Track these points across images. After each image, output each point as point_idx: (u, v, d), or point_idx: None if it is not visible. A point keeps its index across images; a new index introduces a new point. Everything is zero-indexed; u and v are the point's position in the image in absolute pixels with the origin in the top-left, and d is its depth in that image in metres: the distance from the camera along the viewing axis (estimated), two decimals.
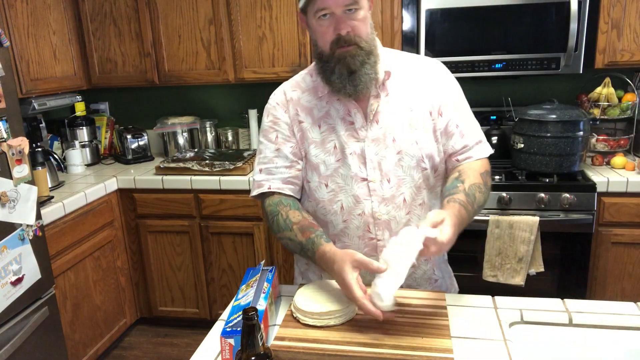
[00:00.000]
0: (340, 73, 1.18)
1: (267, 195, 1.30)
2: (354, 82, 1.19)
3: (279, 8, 2.63)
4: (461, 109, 1.30)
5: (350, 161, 1.25)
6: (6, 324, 1.85)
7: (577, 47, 2.31)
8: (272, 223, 1.26)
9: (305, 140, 1.29)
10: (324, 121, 1.28)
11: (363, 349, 1.02)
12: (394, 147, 1.24)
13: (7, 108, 1.86)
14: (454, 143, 1.27)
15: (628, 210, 2.25)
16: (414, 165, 1.25)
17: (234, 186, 2.60)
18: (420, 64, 1.31)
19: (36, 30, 2.52)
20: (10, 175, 1.86)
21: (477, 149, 1.28)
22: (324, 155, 1.27)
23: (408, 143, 1.24)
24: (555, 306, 1.18)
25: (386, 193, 1.25)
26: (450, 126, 1.27)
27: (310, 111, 1.29)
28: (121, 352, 2.79)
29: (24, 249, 1.91)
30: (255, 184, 1.33)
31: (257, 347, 0.86)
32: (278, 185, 1.29)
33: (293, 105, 1.30)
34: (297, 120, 1.30)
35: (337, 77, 1.19)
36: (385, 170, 1.25)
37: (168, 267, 2.83)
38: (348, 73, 1.18)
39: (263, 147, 1.33)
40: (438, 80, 1.29)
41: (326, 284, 1.22)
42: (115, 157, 3.20)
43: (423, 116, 1.26)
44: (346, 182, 1.26)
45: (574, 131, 2.24)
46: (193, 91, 3.20)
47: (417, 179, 1.27)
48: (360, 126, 1.25)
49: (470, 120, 1.30)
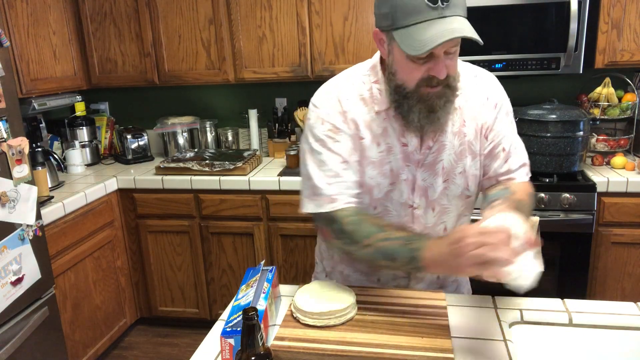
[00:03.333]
0: (420, 111, 1.07)
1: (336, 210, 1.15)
2: (432, 121, 1.09)
3: (279, 8, 2.63)
4: (509, 131, 1.21)
5: (402, 187, 1.18)
6: (6, 324, 1.85)
7: (577, 47, 2.31)
8: (352, 233, 1.11)
9: (364, 158, 1.17)
10: (383, 139, 1.16)
11: (363, 349, 1.01)
12: (442, 175, 1.18)
13: (7, 108, 1.86)
14: (497, 166, 1.20)
15: (628, 210, 2.25)
16: (458, 194, 1.21)
17: (234, 186, 2.60)
18: (478, 81, 1.20)
19: (36, 30, 2.52)
20: (10, 175, 1.86)
21: (520, 173, 1.21)
22: (379, 178, 1.18)
23: (456, 172, 1.18)
24: (555, 306, 1.18)
25: (429, 221, 1.22)
26: (496, 149, 1.19)
27: (370, 126, 1.16)
28: (121, 352, 2.79)
29: (24, 249, 1.91)
30: (323, 198, 1.15)
31: (257, 347, 0.86)
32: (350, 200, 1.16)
33: (352, 118, 1.16)
34: (357, 136, 1.16)
35: (417, 116, 1.08)
36: (430, 198, 1.19)
37: (168, 267, 2.83)
38: (428, 112, 1.08)
39: (325, 159, 1.16)
40: (491, 100, 1.19)
41: (326, 284, 1.22)
42: (115, 157, 3.20)
43: (474, 140, 1.18)
44: (394, 207, 1.21)
45: (574, 131, 2.24)
46: (193, 91, 3.20)
47: (460, 207, 1.23)
48: (413, 150, 1.16)
49: (516, 143, 1.22)
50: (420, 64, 1.03)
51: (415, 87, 1.06)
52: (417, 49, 0.97)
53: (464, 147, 1.18)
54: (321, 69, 2.66)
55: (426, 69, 1.03)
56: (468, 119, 1.18)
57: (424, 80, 1.04)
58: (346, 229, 1.12)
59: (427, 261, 1.01)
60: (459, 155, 1.18)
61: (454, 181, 1.19)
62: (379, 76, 1.15)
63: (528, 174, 1.23)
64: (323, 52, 2.64)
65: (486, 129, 1.19)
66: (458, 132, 1.17)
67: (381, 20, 1.04)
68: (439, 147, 1.17)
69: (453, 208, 1.23)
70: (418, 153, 1.17)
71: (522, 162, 1.22)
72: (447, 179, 1.19)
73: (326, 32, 2.62)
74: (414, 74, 1.04)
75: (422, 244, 1.02)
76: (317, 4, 2.59)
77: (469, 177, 1.20)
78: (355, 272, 1.34)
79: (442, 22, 0.96)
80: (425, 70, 1.03)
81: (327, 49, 2.63)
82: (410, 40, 0.98)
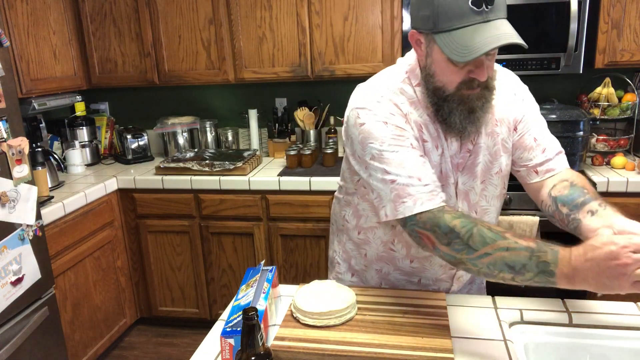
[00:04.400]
0: (461, 114, 1.06)
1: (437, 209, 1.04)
2: (473, 122, 1.07)
3: (279, 8, 2.63)
4: (539, 123, 1.21)
5: (450, 191, 1.17)
6: (6, 324, 1.85)
7: (577, 47, 2.31)
8: (469, 238, 0.97)
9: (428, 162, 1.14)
10: (438, 143, 1.13)
11: (363, 349, 1.01)
12: (479, 177, 1.18)
13: (7, 108, 1.86)
14: (533, 156, 1.18)
15: (628, 210, 2.24)
16: (497, 195, 1.21)
17: (234, 186, 2.60)
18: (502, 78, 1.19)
19: (36, 30, 2.52)
20: (10, 175, 1.86)
21: (558, 160, 1.18)
22: None
23: (492, 172, 1.18)
24: (555, 306, 1.18)
25: None
26: (527, 140, 1.18)
27: (428, 128, 1.12)
28: (121, 352, 2.79)
29: (24, 249, 1.91)
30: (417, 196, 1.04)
31: (257, 347, 0.86)
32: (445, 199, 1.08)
33: (414, 120, 1.12)
34: (421, 138, 1.13)
35: (458, 118, 1.06)
36: (472, 201, 1.19)
37: (168, 267, 2.83)
38: (468, 113, 1.06)
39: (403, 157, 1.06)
40: (518, 95, 1.20)
41: (326, 284, 1.22)
42: (115, 157, 3.20)
43: (506, 138, 1.18)
44: None
45: (574, 131, 2.24)
46: (193, 91, 3.20)
47: (498, 207, 1.24)
48: (454, 154, 1.15)
49: (546, 133, 1.21)
50: (461, 67, 1.01)
51: (456, 89, 1.04)
52: (464, 55, 0.95)
53: (498, 146, 1.18)
54: (321, 69, 2.66)
55: (467, 72, 1.02)
56: (500, 117, 1.18)
57: (465, 82, 1.03)
58: (459, 232, 0.98)
59: (565, 277, 0.90)
60: (494, 156, 1.18)
61: (491, 182, 1.19)
62: (419, 79, 1.12)
63: (566, 161, 1.20)
64: (323, 52, 2.64)
65: (514, 122, 1.19)
66: (491, 132, 1.17)
67: (420, 22, 1.02)
68: (476, 149, 1.16)
69: (492, 209, 1.23)
70: (458, 157, 1.16)
71: (557, 150, 1.19)
72: (484, 180, 1.19)
73: (326, 32, 2.62)
74: (454, 77, 1.03)
75: (555, 258, 0.90)
76: (317, 4, 2.59)
77: (504, 177, 1.21)
78: (395, 271, 1.31)
79: (488, 27, 0.95)
80: (466, 73, 1.02)
81: (327, 49, 2.64)
82: (454, 45, 0.96)
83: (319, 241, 2.59)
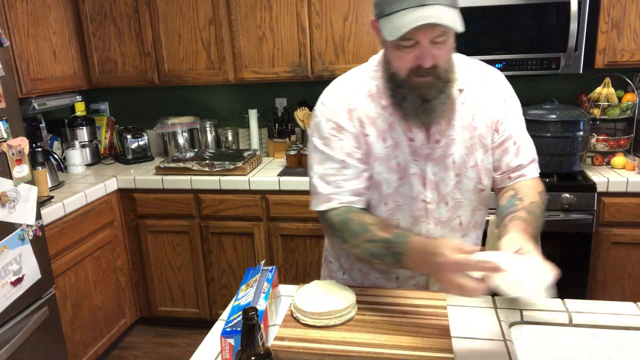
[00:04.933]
0: (414, 101, 1.09)
1: (329, 209, 1.19)
2: (427, 111, 1.10)
3: (279, 8, 2.63)
4: (519, 125, 1.23)
5: (412, 181, 1.19)
6: (6, 324, 1.85)
7: (577, 47, 2.31)
8: (342, 232, 1.16)
9: (370, 155, 1.19)
10: (389, 135, 1.17)
11: (363, 349, 1.01)
12: (453, 170, 1.19)
13: (7, 108, 1.86)
14: (509, 160, 1.21)
15: (628, 210, 2.25)
16: (472, 188, 1.22)
17: (234, 186, 2.60)
18: (484, 75, 1.21)
19: (36, 30, 2.52)
20: (10, 175, 1.86)
21: (531, 168, 1.23)
22: (387, 174, 1.19)
23: (468, 165, 1.19)
24: (555, 306, 1.18)
25: (443, 216, 1.22)
26: (507, 143, 1.21)
27: (375, 122, 1.18)
28: (121, 352, 2.79)
29: (24, 249, 1.91)
30: (320, 197, 1.20)
31: (257, 347, 0.86)
32: (349, 199, 1.19)
33: (357, 115, 1.18)
34: (362, 133, 1.18)
35: (410, 105, 1.10)
36: (443, 192, 1.20)
37: (168, 267, 2.83)
38: (422, 101, 1.09)
39: (325, 157, 1.20)
40: (499, 94, 1.21)
41: (326, 284, 1.22)
42: (115, 157, 3.20)
43: (485, 134, 1.19)
44: (405, 202, 1.21)
45: (574, 131, 2.24)
46: (193, 91, 3.20)
47: (474, 200, 1.24)
48: (420, 144, 1.17)
49: (525, 138, 1.24)
50: (407, 52, 1.04)
51: (406, 76, 1.08)
52: (392, 34, 1.00)
53: (474, 140, 1.19)
54: (321, 69, 2.66)
55: (413, 58, 1.04)
56: (478, 112, 1.18)
57: (413, 69, 1.06)
58: (337, 227, 1.17)
59: (412, 266, 1.07)
60: (470, 149, 1.19)
61: (467, 175, 1.20)
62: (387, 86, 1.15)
63: (538, 170, 1.25)
64: (323, 52, 2.64)
65: (496, 123, 1.20)
66: (468, 125, 1.18)
67: (375, 9, 1.08)
68: (447, 141, 1.17)
69: (467, 202, 1.23)
70: (426, 147, 1.17)
71: (532, 158, 1.24)
72: (459, 173, 1.20)
73: (326, 32, 2.62)
74: (403, 62, 1.06)
75: (404, 248, 1.05)
76: (317, 4, 2.59)
77: (481, 171, 1.21)
78: (372, 270, 1.33)
79: (421, 10, 0.98)
80: (413, 59, 1.05)
81: (327, 49, 2.63)
82: (390, 27, 1.01)
83: (319, 241, 2.59)
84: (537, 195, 1.18)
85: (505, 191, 1.23)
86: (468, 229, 1.27)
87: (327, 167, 1.19)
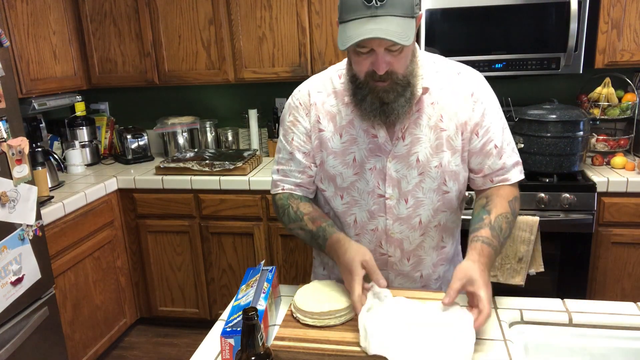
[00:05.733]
0: (372, 103, 1.11)
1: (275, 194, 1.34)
2: (386, 113, 1.12)
3: (279, 8, 2.63)
4: (500, 129, 1.22)
5: (368, 176, 1.22)
6: (6, 324, 1.85)
7: (577, 47, 2.31)
8: (282, 215, 1.29)
9: (323, 149, 1.24)
10: (347, 130, 1.22)
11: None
12: (416, 168, 1.20)
13: (7, 108, 1.86)
14: (491, 163, 1.22)
15: (628, 210, 2.25)
16: (434, 188, 1.22)
17: (234, 186, 2.60)
18: (461, 78, 1.21)
19: (36, 30, 2.52)
20: (10, 175, 1.86)
21: (514, 172, 1.24)
22: (341, 167, 1.23)
23: (432, 165, 1.20)
24: (555, 306, 1.18)
25: (402, 212, 1.23)
26: (487, 145, 1.21)
27: (334, 117, 1.23)
28: (121, 352, 2.79)
29: (24, 249, 1.91)
30: (272, 181, 1.35)
31: (257, 347, 0.86)
32: (290, 188, 1.31)
33: (315, 110, 1.25)
34: (317, 127, 1.24)
35: (369, 106, 1.12)
36: (404, 189, 1.21)
37: (168, 267, 2.83)
38: (380, 104, 1.11)
39: (281, 147, 1.32)
40: (477, 98, 1.20)
41: (326, 284, 1.22)
42: (115, 157, 3.20)
43: (454, 136, 1.19)
44: (362, 197, 1.24)
45: (574, 131, 2.24)
46: (193, 91, 3.20)
47: (436, 201, 1.24)
48: (383, 141, 1.19)
49: (508, 141, 1.24)
50: (364, 57, 1.07)
51: (364, 79, 1.10)
52: (343, 43, 1.02)
53: (440, 141, 1.19)
54: (321, 69, 2.64)
55: (370, 63, 1.07)
56: (447, 114, 1.19)
57: (369, 74, 1.09)
58: (279, 211, 1.30)
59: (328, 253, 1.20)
60: (435, 150, 1.20)
61: (430, 174, 1.21)
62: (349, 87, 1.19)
63: (521, 172, 1.26)
64: (323, 52, 2.64)
65: (472, 126, 1.20)
66: (434, 126, 1.19)
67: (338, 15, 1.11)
68: (412, 139, 1.19)
69: (428, 202, 1.23)
70: (389, 144, 1.19)
71: (515, 160, 1.25)
72: (422, 172, 1.21)
73: (326, 32, 2.62)
74: (361, 67, 1.09)
75: (324, 243, 1.19)
76: (317, 4, 2.59)
77: (446, 172, 1.21)
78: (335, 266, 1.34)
79: (372, 21, 0.99)
80: (369, 65, 1.07)
81: (327, 49, 2.64)
82: (342, 35, 1.03)
83: None
84: (506, 205, 1.19)
85: (479, 198, 1.26)
86: (428, 228, 1.26)
87: (281, 155, 1.32)
